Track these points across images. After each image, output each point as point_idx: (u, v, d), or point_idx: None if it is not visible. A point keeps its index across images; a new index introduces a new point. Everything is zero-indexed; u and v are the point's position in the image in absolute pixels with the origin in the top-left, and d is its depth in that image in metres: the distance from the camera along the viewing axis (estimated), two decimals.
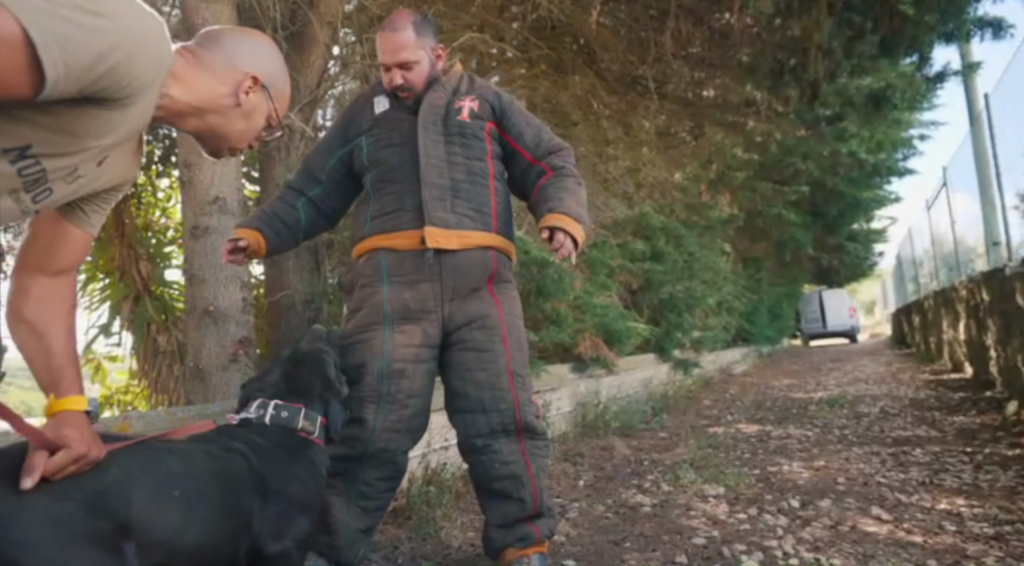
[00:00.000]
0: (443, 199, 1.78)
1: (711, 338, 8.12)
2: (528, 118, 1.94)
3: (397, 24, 1.80)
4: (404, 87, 1.80)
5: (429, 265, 1.75)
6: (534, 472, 1.81)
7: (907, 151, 11.89)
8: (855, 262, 16.33)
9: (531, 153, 1.89)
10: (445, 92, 1.87)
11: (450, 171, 1.81)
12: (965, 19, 5.61)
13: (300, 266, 3.38)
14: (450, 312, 1.78)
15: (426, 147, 1.79)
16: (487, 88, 1.94)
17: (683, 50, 6.21)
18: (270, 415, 1.44)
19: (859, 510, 2.39)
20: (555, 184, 1.84)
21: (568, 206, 1.76)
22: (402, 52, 1.77)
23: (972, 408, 4.67)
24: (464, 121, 1.84)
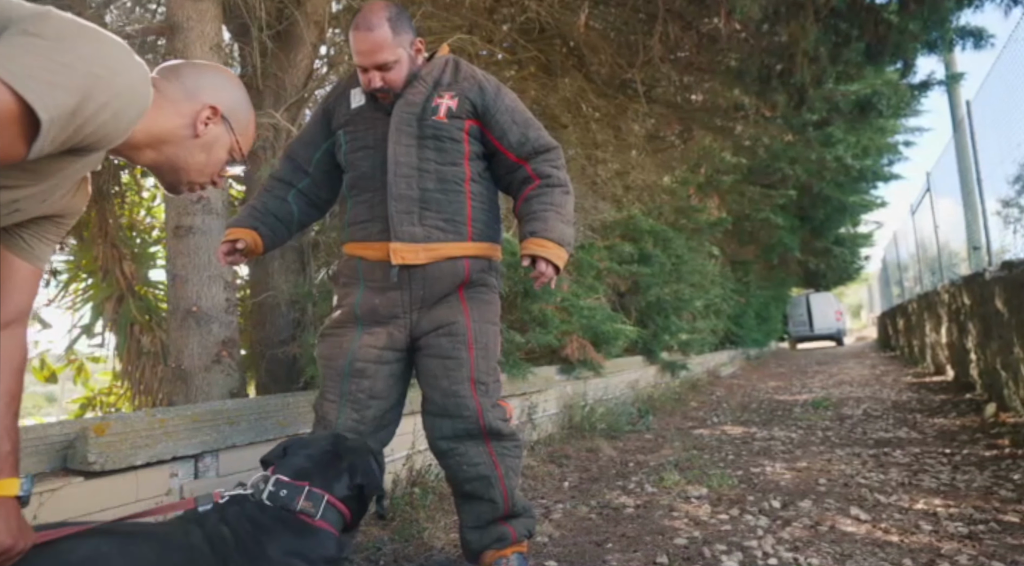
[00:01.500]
0: (410, 212, 1.73)
1: (698, 341, 8.17)
2: (515, 113, 1.81)
3: (372, 22, 1.68)
4: (383, 89, 1.72)
5: (399, 276, 1.72)
6: (503, 472, 1.79)
7: (892, 156, 12.04)
8: (842, 266, 16.49)
9: (515, 153, 1.80)
10: (425, 86, 1.78)
11: (420, 180, 1.74)
12: (948, 28, 5.70)
13: (285, 266, 3.37)
14: (417, 318, 1.77)
15: (396, 155, 1.73)
16: (471, 79, 1.81)
17: (672, 54, 6.26)
18: (268, 491, 1.29)
19: (839, 510, 2.42)
20: (540, 198, 1.77)
21: (551, 228, 1.70)
22: (379, 54, 1.67)
23: (952, 410, 4.73)
24: (440, 122, 1.75)
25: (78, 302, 4.56)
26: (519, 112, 1.83)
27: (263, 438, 2.13)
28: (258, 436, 2.11)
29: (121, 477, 1.75)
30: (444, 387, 1.75)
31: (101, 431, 1.68)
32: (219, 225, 2.89)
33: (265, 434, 2.15)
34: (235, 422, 2.06)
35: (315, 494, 1.32)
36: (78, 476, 1.66)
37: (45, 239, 1.07)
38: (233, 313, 2.89)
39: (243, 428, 2.08)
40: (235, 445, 2.04)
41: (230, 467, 2.04)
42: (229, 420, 2.03)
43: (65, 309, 4.62)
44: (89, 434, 1.66)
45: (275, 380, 3.14)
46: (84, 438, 1.66)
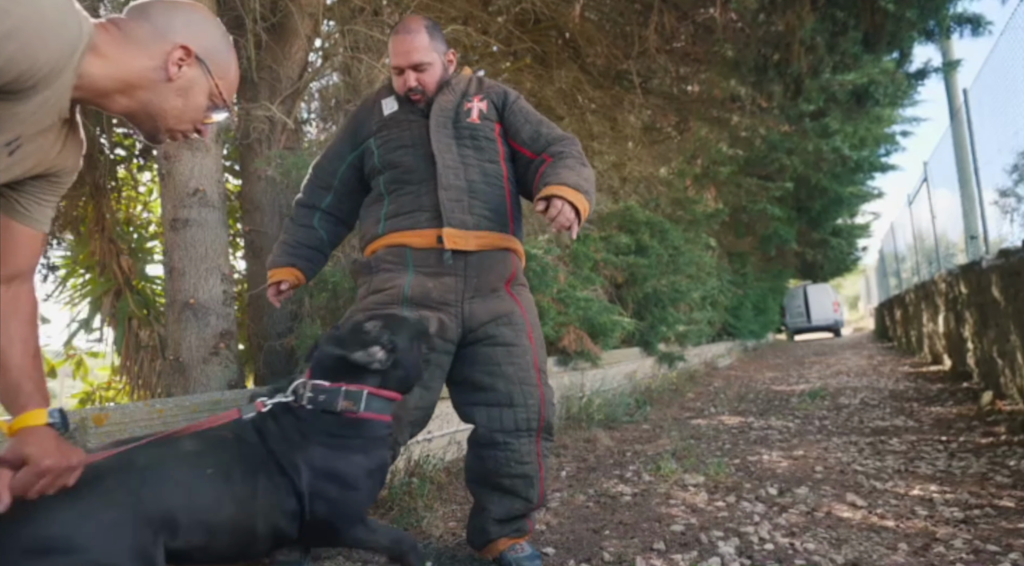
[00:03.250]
0: (460, 200, 1.78)
1: (696, 332, 8.18)
2: (527, 115, 1.90)
3: (411, 27, 1.82)
4: (417, 90, 1.82)
5: (455, 263, 1.75)
6: (544, 474, 1.84)
7: (889, 147, 12.02)
8: (839, 257, 16.48)
9: (530, 149, 1.87)
10: (454, 95, 1.87)
11: (466, 172, 1.82)
12: (945, 15, 5.69)
13: None
14: (471, 309, 1.77)
15: (440, 149, 1.80)
16: (494, 87, 1.93)
17: (668, 45, 6.24)
18: (307, 397, 1.36)
19: (835, 497, 2.44)
20: (553, 165, 1.79)
21: (565, 177, 1.69)
22: (416, 54, 1.79)
23: (949, 399, 4.75)
24: (475, 123, 1.85)
25: (76, 297, 4.56)
26: (532, 113, 1.92)
27: None
28: None
29: None
30: (510, 374, 1.77)
31: (100, 421, 1.69)
32: (216, 217, 2.89)
33: None
34: None
35: (353, 392, 1.37)
36: None
37: (42, 201, 1.05)
38: (230, 305, 2.89)
39: None
40: None
41: None
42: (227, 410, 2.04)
43: (63, 304, 4.62)
44: (88, 424, 1.67)
45: (273, 372, 3.14)
46: (84, 428, 1.67)
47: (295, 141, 3.53)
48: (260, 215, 3.39)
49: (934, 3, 5.38)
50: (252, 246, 3.42)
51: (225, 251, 2.93)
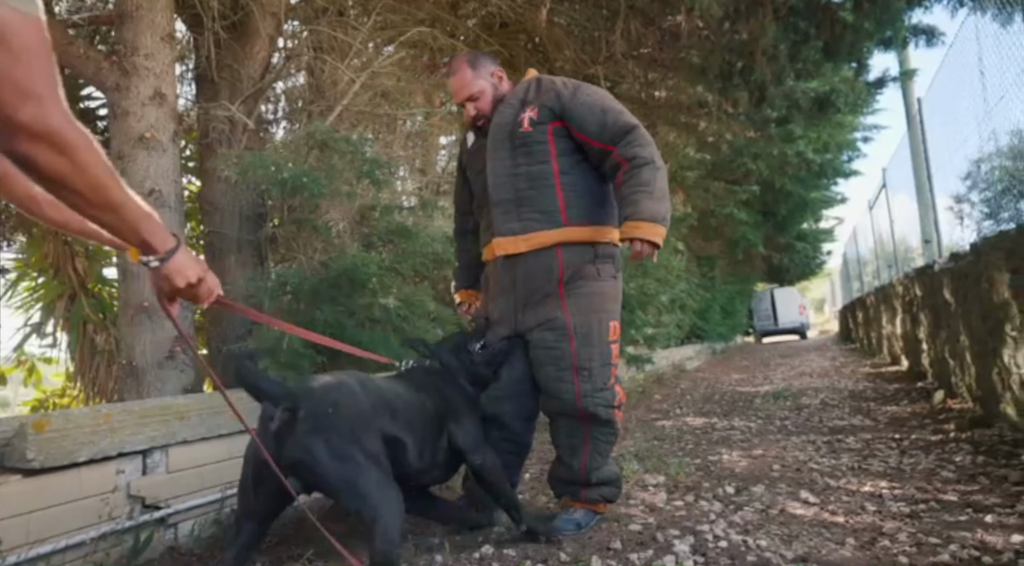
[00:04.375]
0: (508, 211, 2.06)
1: (664, 335, 8.27)
2: (591, 106, 2.04)
3: (454, 68, 2.14)
4: (478, 116, 2.13)
5: (505, 279, 2.09)
6: (589, 451, 2.13)
7: (851, 153, 12.35)
8: (804, 261, 16.86)
9: (597, 140, 2.03)
10: (513, 108, 2.10)
11: (514, 183, 2.06)
12: (901, 26, 5.86)
13: (243, 260, 3.32)
14: (522, 318, 2.10)
15: (494, 168, 2.08)
16: (550, 90, 2.09)
17: (635, 50, 6.32)
18: None
19: (789, 494, 2.48)
20: (629, 182, 1.97)
21: (642, 209, 1.91)
22: (464, 90, 2.10)
23: (905, 398, 4.88)
24: (527, 132, 2.06)
25: (28, 301, 4.42)
26: (595, 104, 2.06)
27: (215, 433, 2.10)
28: (210, 431, 2.08)
29: (63, 475, 1.71)
30: (549, 373, 2.08)
31: (41, 427, 1.64)
32: (172, 219, 2.83)
33: (217, 429, 2.12)
34: (185, 417, 2.02)
35: None
36: (16, 474, 1.61)
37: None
38: (187, 308, 2.83)
39: (194, 423, 2.05)
40: (186, 440, 2.01)
41: (181, 463, 2.00)
42: (179, 415, 2.00)
43: (15, 309, 4.47)
44: (28, 431, 1.62)
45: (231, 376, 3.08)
46: (23, 435, 1.62)
47: (257, 142, 3.49)
48: (220, 216, 3.33)
49: (890, 14, 5.55)
50: (211, 247, 3.36)
51: None
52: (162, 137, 2.81)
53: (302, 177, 2.65)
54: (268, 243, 3.35)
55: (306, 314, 2.67)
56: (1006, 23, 3.99)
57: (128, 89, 2.80)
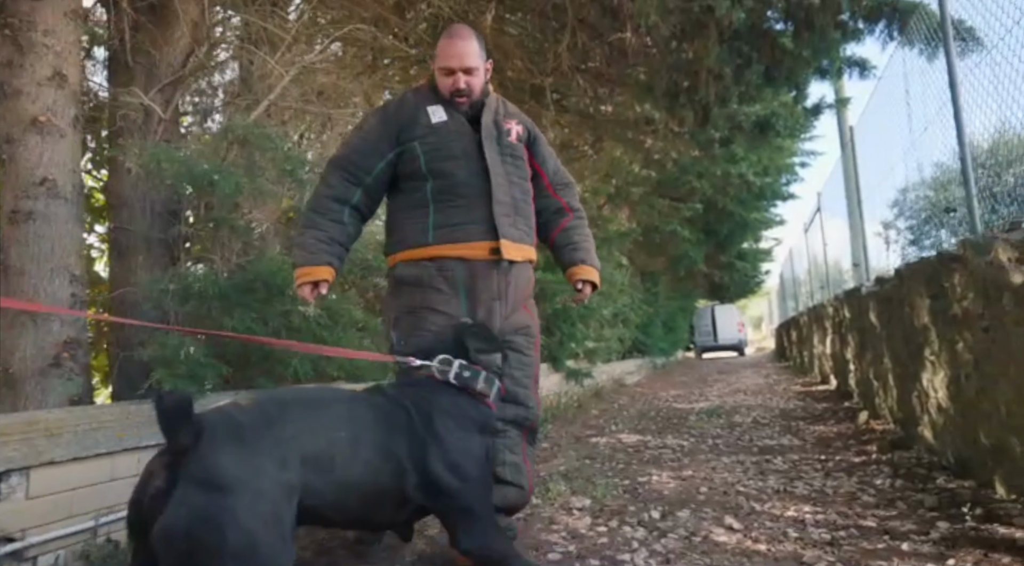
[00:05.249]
0: (508, 215, 1.97)
1: (605, 349, 8.28)
2: (548, 147, 2.21)
3: (463, 33, 1.99)
4: (464, 91, 1.97)
5: (500, 283, 1.94)
6: (531, 468, 2.08)
7: (790, 176, 12.79)
8: (744, 279, 17.35)
9: (550, 180, 2.16)
10: (491, 112, 2.04)
11: (510, 189, 2.00)
12: (837, 56, 6.07)
13: (151, 261, 3.07)
14: (504, 325, 2.01)
15: (493, 164, 1.95)
16: (520, 114, 2.14)
17: (582, 64, 6.32)
18: (454, 373, 1.66)
19: (714, 520, 2.43)
20: (580, 230, 2.18)
21: (593, 258, 2.16)
22: (468, 58, 1.95)
23: (832, 418, 4.99)
24: (514, 143, 2.04)
25: None
26: (550, 147, 2.23)
27: (92, 452, 1.88)
28: (85, 450, 1.86)
29: None
30: (516, 377, 2.01)
31: None
32: (67, 211, 2.58)
33: (95, 448, 1.90)
34: (56, 434, 1.80)
35: (491, 378, 1.72)
36: None
37: None
38: (80, 310, 2.58)
39: (67, 441, 1.83)
40: (54, 461, 1.78)
41: (47, 486, 1.78)
42: (48, 432, 1.78)
43: None
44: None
45: (133, 386, 2.83)
46: None
47: (175, 134, 3.25)
48: (128, 212, 3.08)
49: (827, 43, 5.73)
50: (117, 245, 3.10)
51: (77, 249, 2.62)
52: (60, 122, 2.56)
53: (213, 174, 2.45)
54: (181, 242, 3.12)
55: (214, 321, 2.46)
56: (931, 58, 4.14)
57: (23, 67, 2.54)
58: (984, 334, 2.44)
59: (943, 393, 3.02)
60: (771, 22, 5.84)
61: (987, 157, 2.92)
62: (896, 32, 5.07)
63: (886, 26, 5.31)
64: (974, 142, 3.06)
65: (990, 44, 2.74)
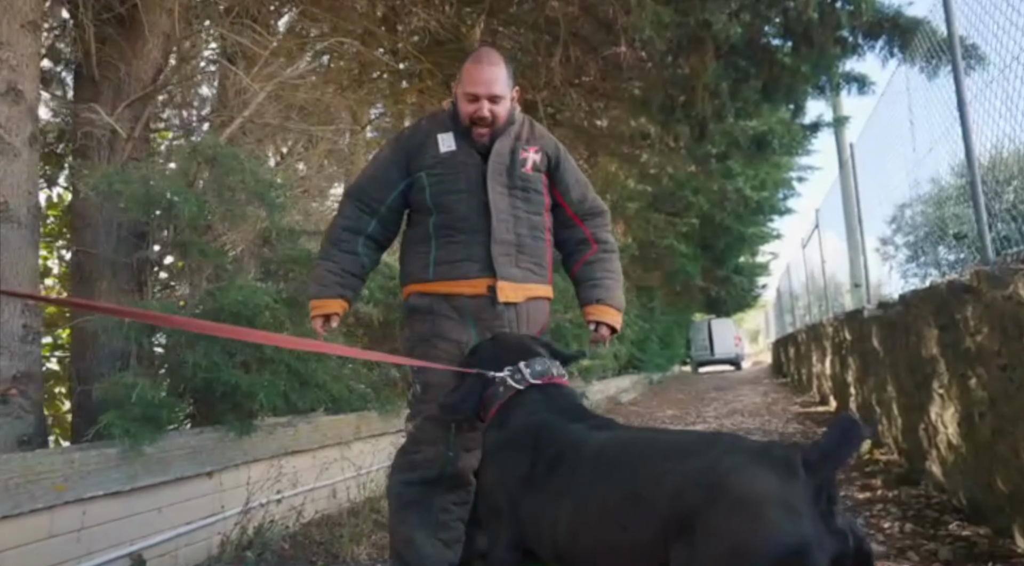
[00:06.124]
0: (509, 254, 1.87)
1: (600, 366, 8.11)
2: (577, 173, 2.02)
3: (493, 59, 1.88)
4: (487, 121, 1.86)
5: (505, 318, 1.85)
6: None
7: (787, 191, 12.71)
8: (740, 294, 17.23)
9: (574, 209, 1.99)
10: (510, 139, 1.92)
11: (515, 225, 1.88)
12: (835, 72, 5.97)
13: (117, 286, 2.90)
14: None
15: (495, 199, 1.86)
16: (546, 137, 2.00)
17: (576, 78, 6.21)
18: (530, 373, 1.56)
19: None
20: (603, 265, 1.99)
21: (613, 297, 1.95)
22: (496, 85, 1.85)
23: None
24: (528, 174, 1.90)
25: None
26: (578, 173, 2.04)
27: (23, 509, 1.69)
28: (16, 507, 1.68)
29: None
30: None
31: None
32: (20, 236, 2.42)
33: (31, 503, 1.72)
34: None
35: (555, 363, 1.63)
36: None
37: None
38: (33, 343, 2.41)
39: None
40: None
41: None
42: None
43: None
44: None
45: (93, 423, 2.65)
46: None
47: (143, 151, 3.09)
48: (92, 234, 2.91)
49: (826, 59, 5.62)
50: (80, 270, 2.93)
51: (32, 277, 2.46)
52: (14, 139, 2.40)
53: (171, 196, 2.29)
54: (149, 267, 2.95)
55: (172, 356, 2.29)
56: (931, 76, 4.02)
57: None
58: (1001, 373, 2.27)
59: (953, 429, 2.85)
60: (769, 37, 5.74)
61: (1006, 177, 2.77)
62: (897, 49, 4.96)
63: (887, 43, 5.21)
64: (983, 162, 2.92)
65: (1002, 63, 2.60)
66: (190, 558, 2.16)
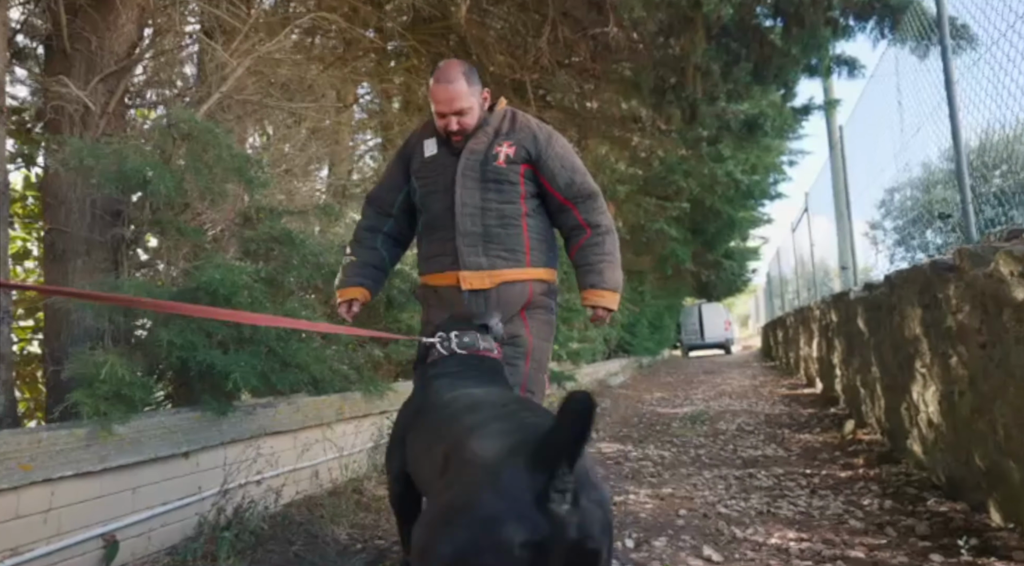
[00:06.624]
0: (475, 245, 2.00)
1: (589, 350, 8.11)
2: (563, 160, 2.06)
3: (450, 76, 1.99)
4: (458, 132, 2.02)
5: (477, 304, 1.99)
6: None
7: (777, 176, 12.67)
8: (731, 278, 17.25)
9: (562, 194, 2.06)
10: (487, 136, 2.05)
11: (483, 218, 2.00)
12: (826, 54, 5.92)
13: (91, 265, 2.84)
14: None
15: (462, 197, 2.00)
16: (527, 129, 2.07)
17: (566, 59, 6.13)
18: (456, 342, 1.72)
19: (692, 550, 2.26)
20: (595, 249, 2.05)
21: (607, 279, 2.02)
22: (457, 101, 1.98)
23: (817, 425, 4.85)
24: (500, 167, 2.01)
25: None
26: (567, 158, 2.08)
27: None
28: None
29: None
30: None
31: None
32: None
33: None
34: None
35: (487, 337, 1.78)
36: None
37: None
38: (3, 323, 2.36)
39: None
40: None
41: None
42: None
43: None
44: None
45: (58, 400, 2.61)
46: None
47: (119, 127, 3.02)
48: (65, 211, 2.85)
49: (817, 40, 5.57)
50: (53, 248, 2.87)
51: (1, 256, 2.40)
52: None
53: (146, 171, 2.24)
54: (124, 246, 2.89)
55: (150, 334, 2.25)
56: (922, 57, 3.99)
57: None
58: (981, 350, 2.28)
59: (934, 408, 2.86)
60: (760, 18, 5.68)
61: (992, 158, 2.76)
62: (888, 30, 4.91)
63: (877, 23, 5.16)
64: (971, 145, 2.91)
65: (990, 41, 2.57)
66: (165, 539, 2.14)
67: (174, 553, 2.12)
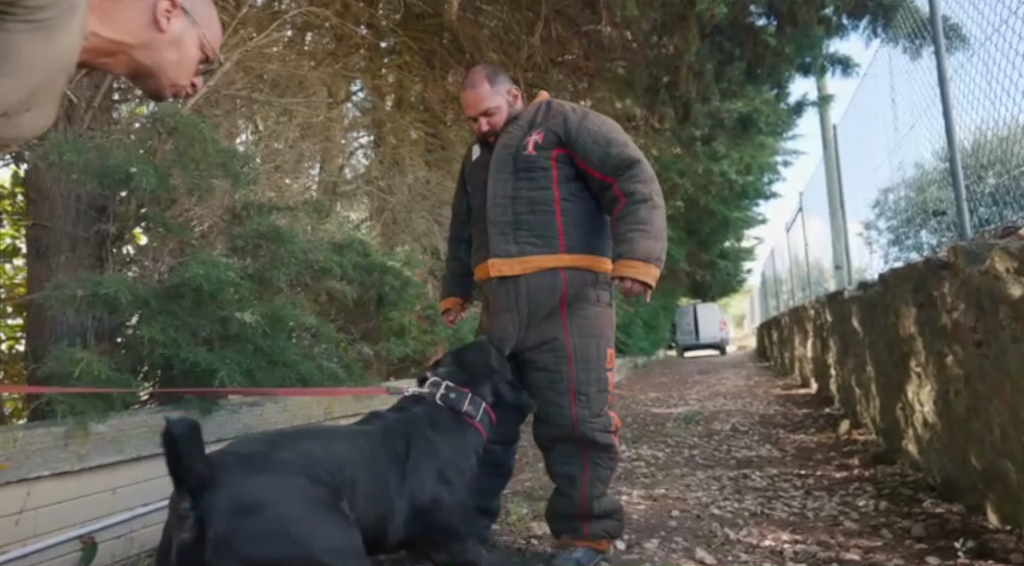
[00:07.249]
0: (505, 233, 2.03)
1: None
2: (596, 135, 2.01)
3: (473, 81, 2.12)
4: (490, 132, 2.13)
5: (506, 298, 2.03)
6: (588, 478, 2.04)
7: (772, 175, 12.68)
8: (725, 278, 17.26)
9: (599, 171, 2.01)
10: (520, 129, 2.10)
11: (513, 206, 2.03)
12: (819, 53, 5.91)
13: (76, 262, 2.78)
14: (524, 338, 2.03)
15: (494, 189, 2.06)
16: (558, 115, 2.08)
17: (559, 57, 6.10)
18: (440, 395, 1.71)
19: (684, 552, 2.23)
20: (627, 219, 1.93)
21: (637, 248, 1.87)
22: (481, 104, 2.09)
23: (812, 425, 4.83)
24: (530, 155, 2.04)
25: None
26: (600, 133, 2.02)
27: None
28: None
29: None
30: (548, 397, 2.01)
31: None
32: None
33: None
34: None
35: (476, 400, 1.75)
36: None
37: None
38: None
39: None
40: None
41: None
42: None
43: None
44: None
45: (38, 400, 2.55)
46: None
47: (105, 120, 2.97)
48: (49, 207, 2.79)
49: (810, 39, 5.55)
50: (36, 244, 2.81)
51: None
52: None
53: (129, 166, 2.19)
54: (110, 242, 2.84)
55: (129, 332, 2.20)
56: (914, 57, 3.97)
57: None
58: (976, 349, 2.25)
59: (930, 408, 2.84)
60: (754, 17, 5.66)
61: None
62: (881, 29, 4.90)
63: (870, 22, 5.16)
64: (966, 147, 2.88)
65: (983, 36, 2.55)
66: (146, 540, 2.09)
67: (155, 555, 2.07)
